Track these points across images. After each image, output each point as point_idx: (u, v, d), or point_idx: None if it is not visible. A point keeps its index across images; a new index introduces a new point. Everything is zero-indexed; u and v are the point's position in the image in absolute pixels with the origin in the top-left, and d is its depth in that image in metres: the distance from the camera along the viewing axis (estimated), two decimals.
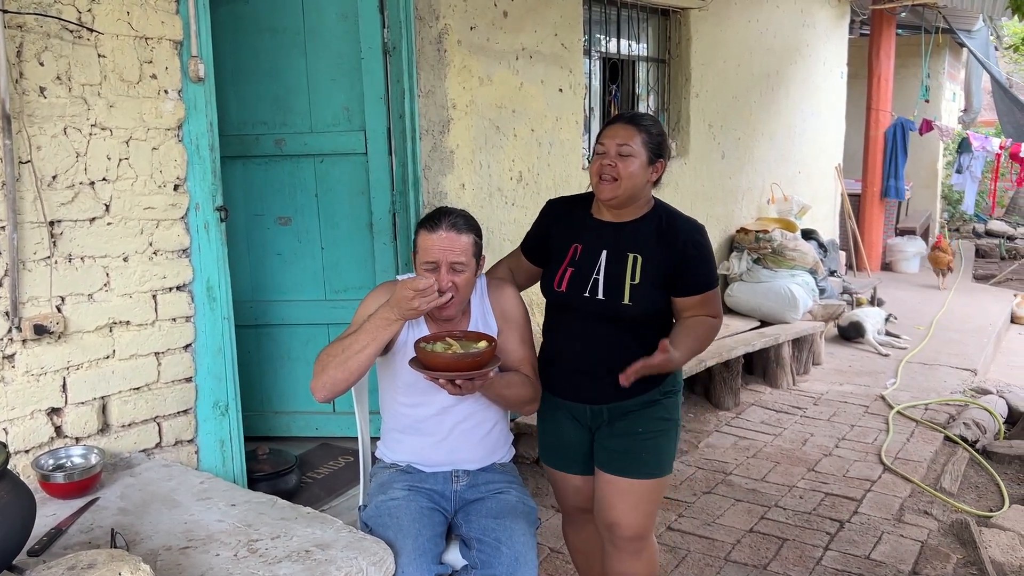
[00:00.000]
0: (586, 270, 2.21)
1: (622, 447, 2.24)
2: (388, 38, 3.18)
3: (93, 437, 2.24)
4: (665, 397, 2.27)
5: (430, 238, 2.10)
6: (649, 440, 2.24)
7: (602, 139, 2.20)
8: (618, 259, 2.19)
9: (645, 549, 2.32)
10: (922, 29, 9.00)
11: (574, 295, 2.22)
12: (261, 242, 3.39)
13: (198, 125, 2.40)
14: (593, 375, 2.24)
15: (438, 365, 1.98)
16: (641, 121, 2.20)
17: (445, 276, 2.08)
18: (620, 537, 2.26)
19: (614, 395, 2.20)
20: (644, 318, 2.19)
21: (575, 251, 2.24)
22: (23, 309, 2.08)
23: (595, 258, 2.21)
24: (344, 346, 2.06)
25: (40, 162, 2.08)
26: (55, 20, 2.07)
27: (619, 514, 2.24)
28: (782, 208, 6.50)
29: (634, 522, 2.25)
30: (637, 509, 2.24)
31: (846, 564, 3.14)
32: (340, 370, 2.04)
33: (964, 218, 12.56)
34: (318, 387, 2.06)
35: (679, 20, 5.31)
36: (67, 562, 1.48)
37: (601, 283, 2.18)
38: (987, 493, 3.86)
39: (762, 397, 5.15)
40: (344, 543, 1.82)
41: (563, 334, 2.29)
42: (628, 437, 2.24)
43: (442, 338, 2.07)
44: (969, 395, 5.18)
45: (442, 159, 3.44)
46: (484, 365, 2.00)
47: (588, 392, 2.26)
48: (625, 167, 2.14)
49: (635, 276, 2.16)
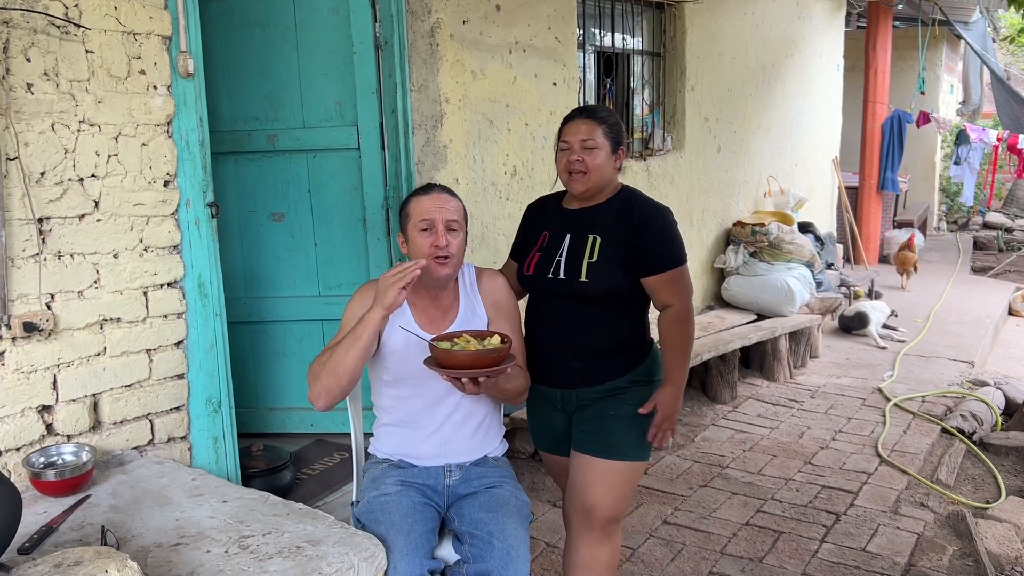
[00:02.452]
0: (550, 253, 2.31)
1: (595, 428, 2.30)
2: (380, 32, 3.17)
3: (85, 435, 2.23)
4: (635, 385, 2.31)
5: (424, 200, 2.18)
6: (621, 423, 2.28)
7: (565, 136, 2.30)
8: (579, 241, 2.28)
9: (615, 535, 2.36)
10: (919, 21, 9.00)
11: (540, 277, 2.31)
12: (254, 238, 3.37)
13: (188, 121, 2.39)
14: (562, 358, 2.31)
15: (462, 363, 1.98)
16: (599, 113, 2.31)
17: (442, 234, 2.13)
18: (595, 519, 2.30)
19: (580, 381, 2.30)
20: (603, 297, 2.25)
21: (544, 238, 2.35)
22: (12, 307, 2.07)
23: (560, 242, 2.31)
24: (332, 352, 2.07)
25: (28, 159, 2.06)
26: (42, 15, 2.05)
27: (596, 495, 2.28)
28: (779, 201, 6.49)
29: (611, 504, 2.29)
30: (612, 491, 2.28)
31: (842, 556, 3.14)
32: (331, 377, 2.06)
33: (963, 210, 12.55)
34: (315, 396, 2.09)
35: (674, 13, 5.29)
36: (54, 559, 1.47)
37: (563, 264, 2.27)
38: (984, 485, 3.86)
39: (759, 390, 5.15)
40: (336, 539, 1.82)
41: (536, 319, 2.38)
42: (600, 420, 2.30)
43: (450, 339, 2.08)
44: (966, 387, 5.18)
45: (435, 154, 3.43)
46: (503, 361, 2.03)
47: (560, 377, 2.33)
48: (592, 159, 2.24)
49: (593, 255, 2.24)
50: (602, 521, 2.30)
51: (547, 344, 2.33)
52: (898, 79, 9.56)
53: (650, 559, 3.13)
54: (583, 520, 2.32)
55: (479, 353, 1.99)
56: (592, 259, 2.24)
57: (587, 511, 2.30)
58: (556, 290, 2.28)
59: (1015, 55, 16.48)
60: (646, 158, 5.07)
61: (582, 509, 2.31)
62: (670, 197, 5.20)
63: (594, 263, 2.23)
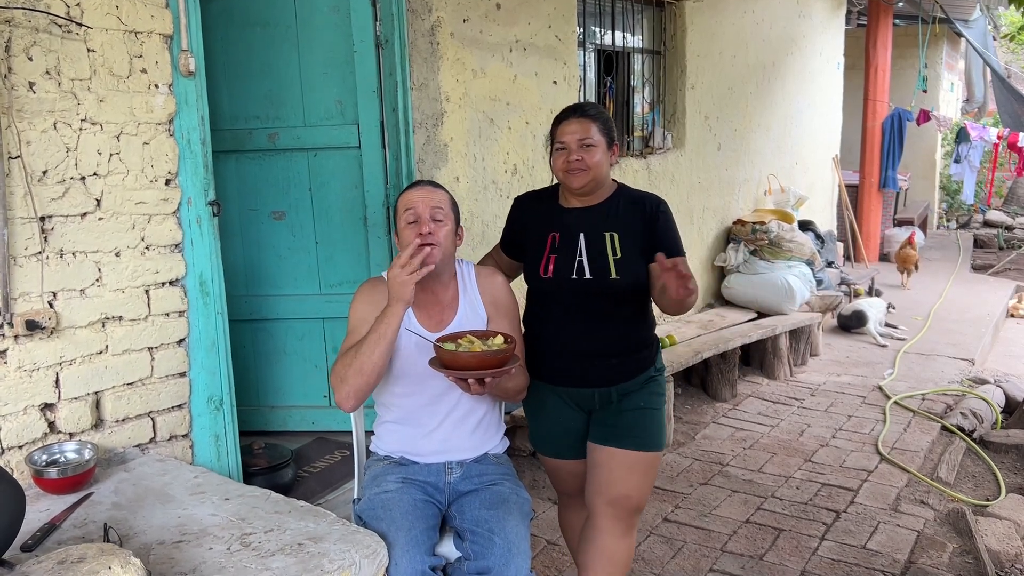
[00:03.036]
0: (568, 254, 2.31)
1: (631, 422, 2.32)
2: (380, 31, 3.17)
3: (87, 432, 2.24)
4: (659, 374, 2.41)
5: (409, 194, 2.21)
6: (651, 414, 2.35)
7: (560, 137, 2.31)
8: (596, 239, 2.30)
9: (634, 527, 2.39)
10: (919, 19, 8.99)
11: (563, 279, 2.31)
12: (255, 237, 3.38)
13: (189, 119, 2.39)
14: (594, 357, 2.32)
15: (467, 364, 1.99)
16: (592, 111, 2.32)
17: (427, 221, 2.14)
18: (627, 510, 2.32)
19: (619, 376, 2.33)
20: (632, 291, 2.29)
21: (553, 240, 2.34)
22: (15, 305, 2.08)
23: (574, 242, 2.31)
24: (356, 353, 2.07)
25: (30, 157, 2.07)
26: (44, 14, 2.06)
27: (630, 486, 2.30)
28: (779, 199, 6.49)
29: (644, 494, 2.34)
30: (646, 481, 2.34)
31: (842, 554, 3.15)
32: (359, 377, 2.06)
33: (963, 208, 12.55)
34: (343, 399, 2.09)
35: (674, 11, 5.29)
36: (57, 556, 1.48)
37: (586, 264, 2.28)
38: (984, 483, 3.86)
39: (759, 388, 5.15)
40: (337, 536, 1.82)
41: (556, 322, 2.35)
42: (635, 412, 2.33)
43: (454, 339, 2.09)
44: (966, 385, 5.19)
45: (436, 152, 3.44)
46: (508, 362, 2.04)
47: (592, 376, 2.33)
48: (591, 157, 2.27)
49: (616, 251, 2.27)
50: (630, 512, 2.33)
51: (579, 345, 2.32)
52: (898, 77, 9.56)
53: (651, 556, 3.14)
54: (614, 512, 2.32)
55: (485, 354, 2.01)
56: (617, 255, 2.27)
57: (620, 502, 2.31)
58: (583, 289, 2.28)
59: (1015, 53, 16.47)
60: (646, 156, 5.08)
61: (614, 501, 2.31)
62: (670, 195, 5.21)
63: (620, 259, 2.26)
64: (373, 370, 2.06)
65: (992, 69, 9.49)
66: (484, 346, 2.06)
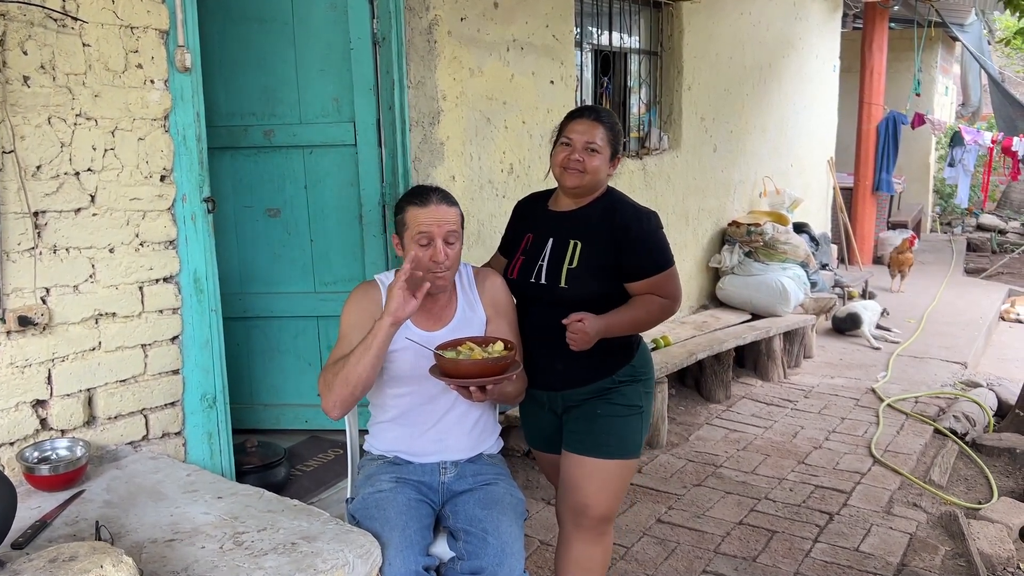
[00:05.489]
0: (533, 257, 2.32)
1: (583, 428, 2.30)
2: (378, 28, 3.16)
3: (79, 429, 2.22)
4: (621, 385, 2.31)
5: (423, 211, 2.14)
6: (609, 422, 2.29)
7: (569, 133, 2.29)
8: (561, 245, 2.29)
9: (607, 534, 2.38)
10: (915, 23, 9.01)
11: (523, 282, 2.32)
12: (250, 234, 3.37)
13: (185, 115, 2.38)
14: (548, 361, 2.31)
15: (469, 372, 1.99)
16: (606, 118, 2.31)
17: (442, 248, 2.12)
18: (588, 518, 2.30)
19: (565, 383, 2.31)
20: (583, 303, 2.21)
21: (527, 241, 2.36)
22: (7, 300, 2.06)
23: (542, 246, 2.32)
24: (344, 363, 2.06)
25: (24, 152, 2.05)
26: (38, 8, 2.04)
27: (587, 495, 2.28)
28: (774, 201, 6.50)
29: (603, 502, 2.29)
30: (604, 490, 2.29)
31: (835, 556, 3.15)
32: (344, 387, 2.05)
33: (957, 211, 12.59)
34: (329, 407, 2.09)
35: (671, 12, 5.29)
36: (48, 555, 1.47)
37: (544, 269, 2.28)
38: (976, 485, 3.88)
39: (753, 390, 5.16)
40: (331, 535, 1.81)
41: (525, 323, 2.36)
42: (587, 420, 2.30)
43: (454, 346, 2.08)
44: (959, 388, 5.20)
45: (432, 151, 3.43)
46: (508, 368, 2.04)
47: (546, 379, 2.33)
48: (591, 162, 2.25)
49: (573, 261, 2.25)
50: (594, 520, 2.30)
51: (534, 347, 2.33)
52: (894, 80, 9.58)
53: (643, 558, 3.14)
54: (575, 519, 2.33)
55: (486, 362, 2.01)
56: (572, 265, 2.24)
57: (579, 510, 2.30)
58: (537, 294, 2.29)
59: (1010, 57, 16.53)
60: (642, 157, 5.07)
61: (574, 508, 2.31)
62: (666, 196, 5.21)
63: (573, 269, 2.24)
64: (359, 382, 2.05)
65: (988, 73, 9.51)
66: (484, 353, 2.05)
